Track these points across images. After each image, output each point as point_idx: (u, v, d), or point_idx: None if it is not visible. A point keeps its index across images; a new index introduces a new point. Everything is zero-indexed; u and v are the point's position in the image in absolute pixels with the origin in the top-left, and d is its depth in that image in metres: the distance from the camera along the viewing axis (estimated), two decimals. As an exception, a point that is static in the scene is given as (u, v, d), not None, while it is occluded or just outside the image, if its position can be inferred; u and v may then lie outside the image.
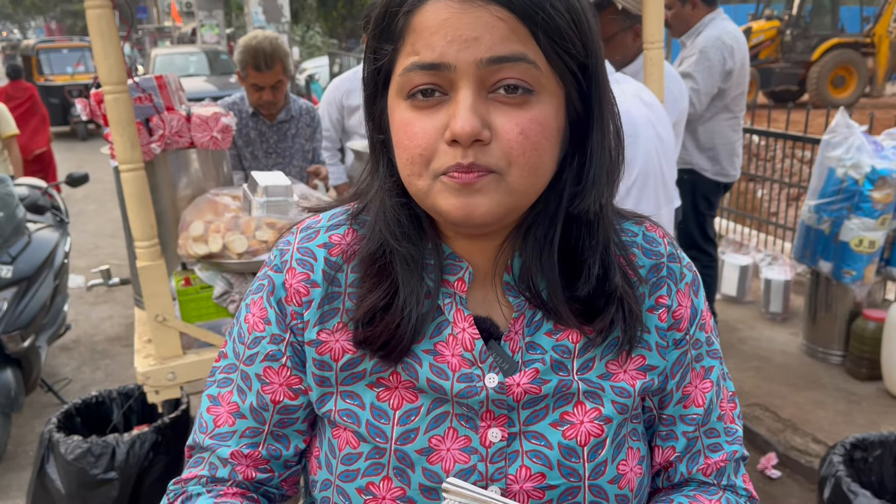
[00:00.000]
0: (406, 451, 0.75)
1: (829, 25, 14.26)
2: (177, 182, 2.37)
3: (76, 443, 2.49)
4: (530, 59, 0.67)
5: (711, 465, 0.84)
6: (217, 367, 0.85)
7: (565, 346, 0.78)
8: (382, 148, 0.77)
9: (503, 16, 0.66)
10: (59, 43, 16.28)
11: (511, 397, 0.76)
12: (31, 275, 3.26)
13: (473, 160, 0.67)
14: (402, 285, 0.75)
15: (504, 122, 0.68)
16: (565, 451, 0.76)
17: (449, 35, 0.66)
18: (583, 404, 0.77)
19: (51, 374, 4.11)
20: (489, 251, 0.79)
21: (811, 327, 3.83)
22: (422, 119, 0.69)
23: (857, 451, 2.29)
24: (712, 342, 0.86)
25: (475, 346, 0.76)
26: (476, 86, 0.67)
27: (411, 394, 0.77)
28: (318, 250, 0.80)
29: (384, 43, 0.72)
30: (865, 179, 3.40)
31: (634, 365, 0.79)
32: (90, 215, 7.91)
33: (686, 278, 0.84)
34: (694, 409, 0.83)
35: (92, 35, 1.93)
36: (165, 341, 2.12)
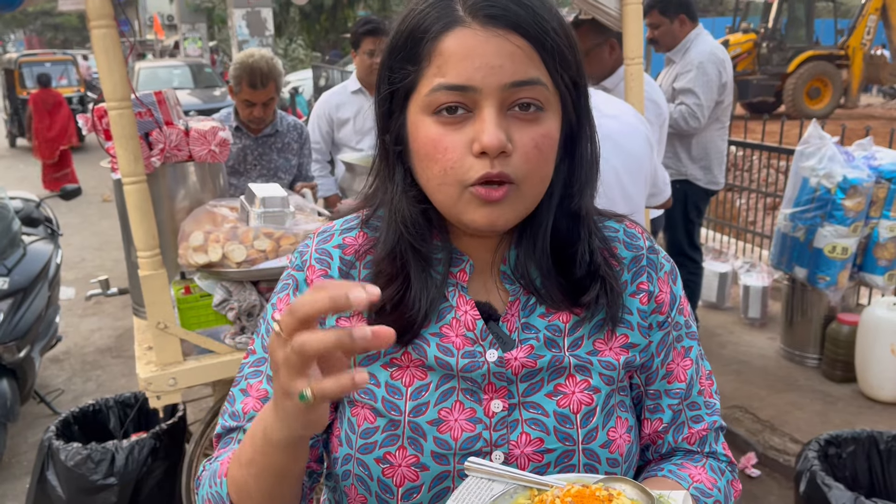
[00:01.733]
0: (418, 423, 0.84)
1: (804, 38, 14.55)
2: (175, 194, 2.44)
3: (76, 449, 2.54)
4: (542, 81, 0.79)
5: (694, 434, 0.94)
6: (245, 363, 0.92)
7: (557, 325, 0.88)
8: (398, 159, 0.85)
9: (521, 44, 0.77)
10: (42, 56, 16.23)
11: (510, 370, 0.85)
12: (27, 286, 3.31)
13: (501, 169, 0.77)
14: (414, 280, 0.85)
15: (521, 137, 0.78)
16: (560, 418, 0.85)
17: (476, 62, 0.76)
18: (574, 377, 0.87)
19: (43, 385, 4.14)
20: (489, 246, 0.89)
21: (788, 331, 3.95)
22: (450, 134, 0.78)
23: (832, 448, 2.39)
24: (690, 325, 0.96)
25: (476, 325, 0.86)
26: (498, 105, 0.77)
27: (421, 371, 0.86)
28: (333, 251, 0.90)
29: (406, 64, 0.80)
30: (837, 188, 3.54)
31: (618, 343, 0.89)
32: (75, 228, 7.91)
33: (665, 268, 0.94)
34: (677, 384, 0.93)
35: (96, 53, 2.00)
36: (166, 348, 2.18)
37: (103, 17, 1.97)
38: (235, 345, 2.25)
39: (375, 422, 0.85)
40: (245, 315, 2.25)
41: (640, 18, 2.58)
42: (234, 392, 0.92)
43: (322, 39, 20.93)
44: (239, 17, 12.65)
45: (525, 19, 0.77)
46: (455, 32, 0.77)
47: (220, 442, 0.91)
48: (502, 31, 0.76)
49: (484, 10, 0.76)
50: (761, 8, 14.94)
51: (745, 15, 15.43)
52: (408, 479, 0.83)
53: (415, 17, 0.80)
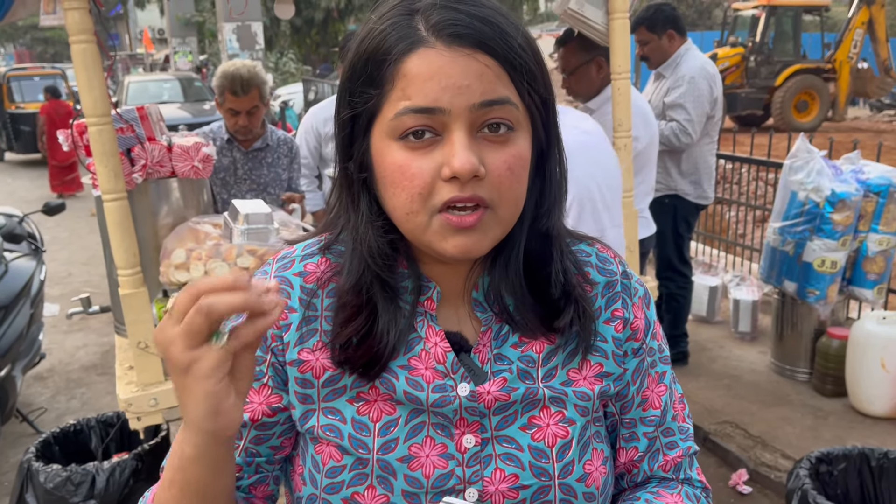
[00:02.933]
0: (388, 461, 0.80)
1: (791, 52, 14.69)
2: (158, 210, 2.40)
3: (55, 471, 2.49)
4: (512, 100, 0.75)
5: (669, 461, 0.92)
6: None
7: (530, 356, 0.84)
8: (363, 186, 0.81)
9: (489, 63, 0.73)
10: (31, 70, 16.18)
11: (482, 404, 0.82)
12: (8, 304, 3.25)
13: (472, 192, 0.74)
14: (381, 312, 0.81)
15: (493, 159, 0.75)
16: (535, 452, 0.82)
17: (443, 82, 0.72)
18: (548, 409, 0.84)
19: (25, 403, 4.07)
20: (460, 272, 0.85)
21: (778, 346, 3.94)
22: (417, 159, 0.74)
23: (823, 465, 2.37)
24: (663, 349, 0.94)
25: (447, 358, 0.82)
26: (468, 127, 0.74)
27: (390, 406, 0.82)
28: (293, 278, 0.85)
29: (368, 88, 0.76)
30: (826, 202, 3.53)
31: (593, 372, 0.86)
32: (62, 243, 7.85)
33: (639, 293, 0.92)
34: (652, 411, 0.91)
35: (76, 68, 1.97)
36: (147, 368, 2.14)
37: (83, 33, 1.95)
38: (218, 364, 2.21)
39: (342, 460, 0.81)
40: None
41: (627, 33, 2.58)
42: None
43: (313, 53, 20.98)
44: (229, 30, 12.63)
45: (491, 37, 0.74)
46: (419, 53, 0.73)
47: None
48: (468, 49, 0.73)
49: (448, 29, 0.73)
50: (749, 22, 15.07)
51: (734, 29, 15.56)
52: None
53: (375, 39, 0.76)
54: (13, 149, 14.48)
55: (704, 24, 29.27)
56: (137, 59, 27.13)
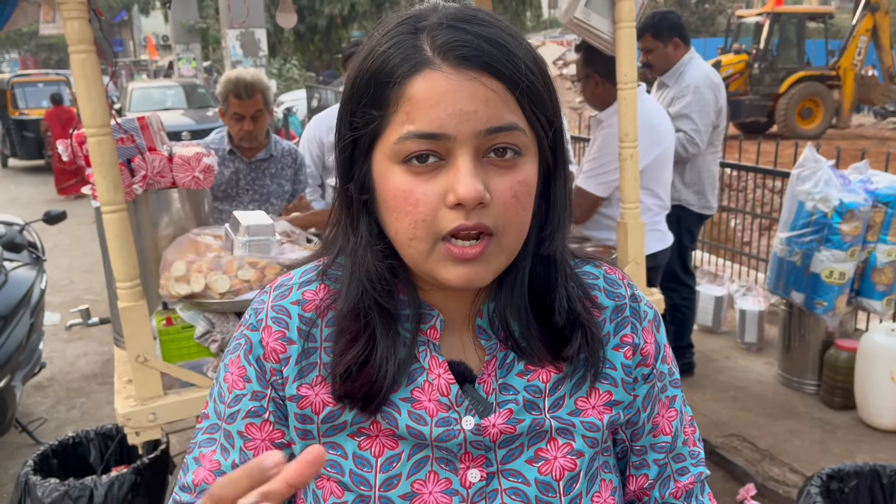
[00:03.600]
0: (390, 497, 0.77)
1: (795, 59, 14.68)
2: (158, 222, 2.38)
3: (53, 486, 2.45)
4: (519, 126, 0.72)
5: (681, 488, 0.89)
6: (200, 428, 0.85)
7: (536, 385, 0.81)
8: (364, 208, 0.78)
9: (495, 87, 0.70)
10: (35, 77, 16.20)
11: (488, 438, 0.79)
12: (7, 314, 3.23)
13: (477, 220, 0.71)
14: (380, 340, 0.77)
15: (499, 186, 0.72)
16: (542, 486, 0.79)
17: (449, 108, 0.69)
18: (555, 440, 0.81)
19: (25, 413, 4.04)
20: (463, 299, 0.82)
21: (785, 357, 3.89)
22: (421, 185, 0.71)
23: (834, 482, 2.32)
24: (673, 373, 0.91)
25: (451, 390, 0.79)
26: (473, 152, 0.71)
27: (392, 441, 0.79)
28: (291, 307, 0.82)
29: (371, 109, 0.73)
30: (834, 212, 3.49)
31: (601, 401, 0.83)
32: (64, 250, 7.83)
33: (648, 316, 0.88)
34: (662, 437, 0.88)
35: (76, 78, 1.95)
36: (146, 382, 2.11)
37: (82, 42, 1.92)
38: (218, 378, 2.17)
39: (343, 497, 0.78)
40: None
41: (633, 42, 2.55)
42: (187, 460, 0.84)
43: (316, 60, 21.01)
44: (233, 37, 12.66)
45: (499, 59, 0.71)
46: (424, 75, 0.70)
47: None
48: (475, 73, 0.70)
49: (455, 51, 0.70)
50: (753, 29, 15.05)
51: (737, 36, 15.56)
52: None
53: (378, 58, 0.73)
54: (17, 155, 14.50)
55: (708, 30, 29.30)
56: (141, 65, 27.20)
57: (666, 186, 3.09)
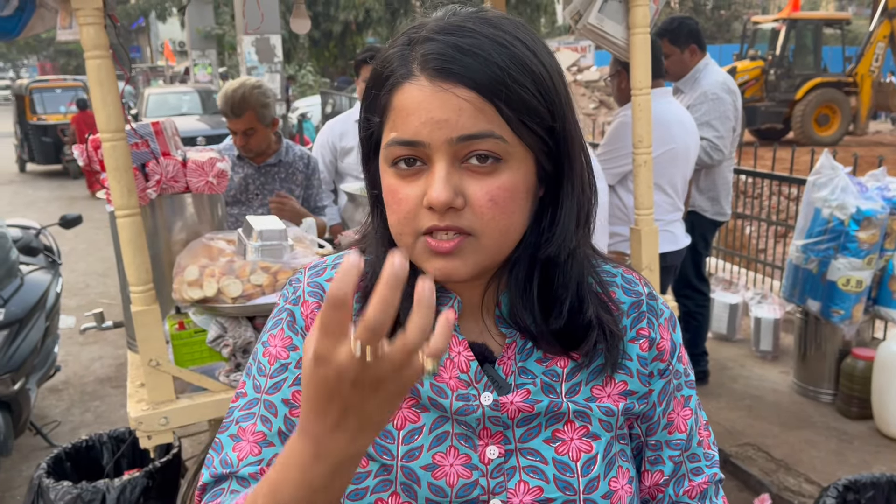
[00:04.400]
0: (412, 468, 0.80)
1: (811, 65, 14.59)
2: (172, 226, 2.38)
3: (66, 489, 2.46)
4: (496, 134, 0.74)
5: (695, 487, 0.90)
6: (234, 406, 0.86)
7: (554, 370, 0.84)
8: (376, 202, 0.85)
9: (469, 97, 0.73)
10: (53, 82, 16.37)
11: (506, 415, 0.81)
12: (23, 317, 3.25)
13: (450, 222, 0.75)
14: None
15: (476, 191, 0.75)
16: (560, 465, 0.81)
17: (423, 117, 0.74)
18: (572, 423, 0.83)
19: (40, 416, 4.07)
20: (477, 288, 0.85)
21: (801, 366, 3.85)
22: (406, 186, 0.77)
23: (850, 493, 2.29)
24: (689, 374, 0.93)
25: (470, 367, 0.82)
26: (449, 159, 0.74)
27: (414, 413, 0.82)
28: (325, 284, 0.88)
29: (372, 114, 0.80)
30: (851, 220, 3.46)
31: (617, 389, 0.85)
32: (80, 254, 7.90)
33: (665, 314, 0.91)
34: (678, 434, 0.90)
35: (91, 84, 1.96)
36: (159, 386, 2.11)
37: (98, 48, 1.94)
38: (230, 382, 2.18)
39: (367, 466, 0.81)
40: (240, 352, 2.18)
41: (648, 48, 2.53)
42: (221, 439, 0.85)
43: (331, 66, 21.11)
44: (248, 43, 12.73)
45: (477, 70, 0.73)
46: (405, 87, 0.75)
47: (207, 494, 0.83)
48: (448, 84, 0.73)
49: (432, 64, 0.74)
50: (769, 35, 14.98)
51: (753, 42, 15.48)
52: None
53: (381, 64, 0.79)
54: (34, 159, 14.65)
55: (723, 37, 29.20)
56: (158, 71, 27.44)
57: (677, 186, 3.08)
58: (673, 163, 3.03)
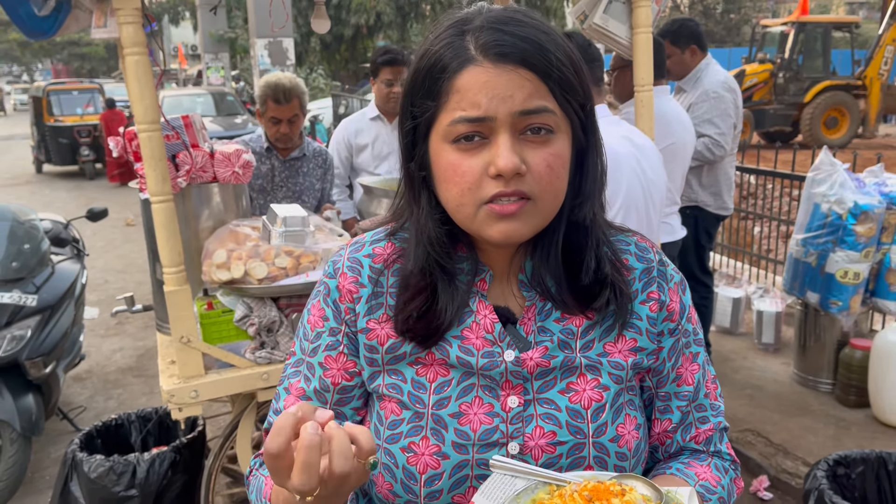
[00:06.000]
0: (441, 415, 0.92)
1: (820, 68, 14.62)
2: (200, 214, 2.53)
3: (99, 461, 2.61)
4: (550, 108, 0.86)
5: (701, 433, 1.01)
6: (288, 364, 1.02)
7: (570, 329, 0.94)
8: (423, 183, 0.93)
9: (528, 77, 0.85)
10: (70, 85, 16.59)
11: (525, 370, 0.92)
12: (54, 304, 3.40)
13: (515, 188, 0.85)
14: (441, 293, 0.92)
15: (534, 158, 0.86)
16: (572, 413, 0.92)
17: (489, 94, 0.84)
18: (584, 375, 0.94)
19: (65, 402, 4.22)
20: (506, 256, 0.97)
21: (801, 357, 3.97)
22: (468, 159, 0.86)
23: (840, 468, 2.41)
24: (698, 333, 1.03)
25: (495, 328, 0.93)
26: (511, 131, 0.85)
27: (444, 369, 0.93)
28: (363, 259, 0.98)
29: (427, 100, 0.88)
30: (849, 214, 3.58)
31: (627, 346, 0.96)
32: (99, 251, 8.06)
33: (675, 279, 1.01)
34: (685, 387, 1.00)
35: (129, 79, 2.11)
36: (189, 361, 2.26)
37: (136, 45, 2.08)
38: (255, 359, 2.32)
39: (402, 414, 0.93)
40: (265, 331, 2.33)
41: (650, 47, 2.66)
42: (279, 390, 1.01)
43: (342, 69, 21.27)
44: (261, 46, 12.92)
45: (532, 54, 0.85)
46: (469, 70, 0.85)
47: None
48: (511, 66, 0.84)
49: (494, 49, 0.84)
50: (778, 38, 15.02)
51: (762, 45, 15.53)
52: (430, 466, 0.90)
53: (432, 57, 0.88)
54: (51, 160, 14.86)
55: (733, 40, 29.21)
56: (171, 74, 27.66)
57: (676, 180, 3.21)
58: (673, 158, 3.16)
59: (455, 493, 0.90)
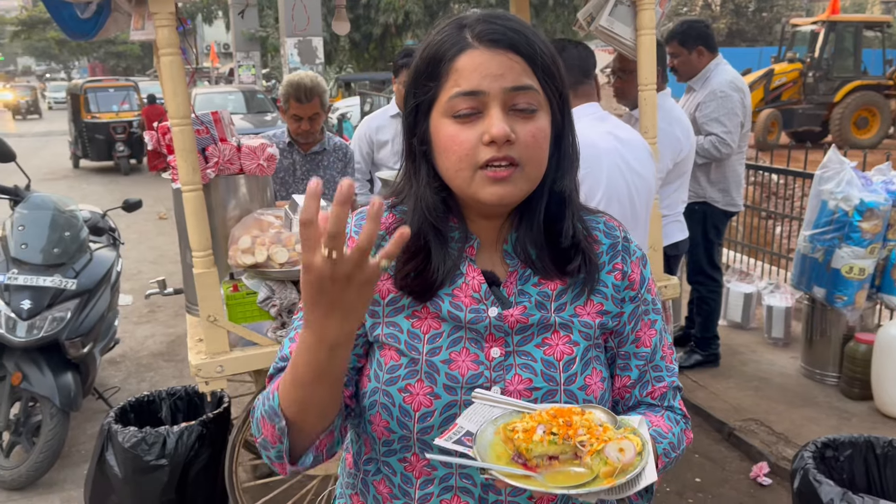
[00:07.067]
0: (434, 362, 1.05)
1: (851, 68, 14.50)
2: (227, 203, 2.71)
3: (132, 433, 2.80)
4: (535, 88, 1.01)
5: (657, 390, 1.15)
6: (295, 318, 1.15)
7: (546, 292, 1.09)
8: (423, 157, 1.07)
9: (517, 59, 1.00)
10: (106, 82, 17.02)
11: (507, 325, 1.06)
12: (92, 288, 3.62)
13: (506, 153, 0.99)
14: (434, 254, 1.07)
15: (521, 130, 1.00)
16: (546, 364, 1.06)
17: (483, 72, 0.99)
18: (558, 332, 1.08)
19: (101, 383, 4.46)
20: (493, 228, 1.11)
21: (808, 350, 4.06)
22: (464, 130, 1.00)
23: (829, 450, 2.51)
24: (656, 303, 1.18)
25: (481, 288, 1.07)
26: (502, 105, 0.99)
27: (436, 322, 1.07)
28: None
29: (429, 82, 1.02)
30: (855, 211, 3.66)
31: (595, 309, 1.11)
32: (132, 243, 8.34)
33: (637, 254, 1.16)
34: (643, 348, 1.14)
35: (164, 77, 2.30)
36: (215, 339, 2.44)
37: (171, 46, 2.27)
38: (276, 338, 2.50)
39: (399, 360, 1.07)
40: (286, 311, 2.50)
41: (653, 48, 2.80)
42: (284, 341, 1.15)
43: (371, 68, 21.50)
44: (291, 45, 13.17)
45: (519, 42, 1.00)
46: (467, 53, 1.00)
47: (272, 381, 1.11)
48: (502, 50, 0.99)
49: (488, 36, 1.00)
50: (808, 37, 14.92)
51: (792, 44, 15.42)
52: (423, 405, 1.04)
53: (434, 46, 1.03)
54: (88, 156, 15.27)
55: (765, 39, 28.88)
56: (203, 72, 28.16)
57: (688, 181, 3.32)
58: (692, 159, 3.29)
59: (444, 428, 1.03)
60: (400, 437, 1.06)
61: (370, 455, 1.12)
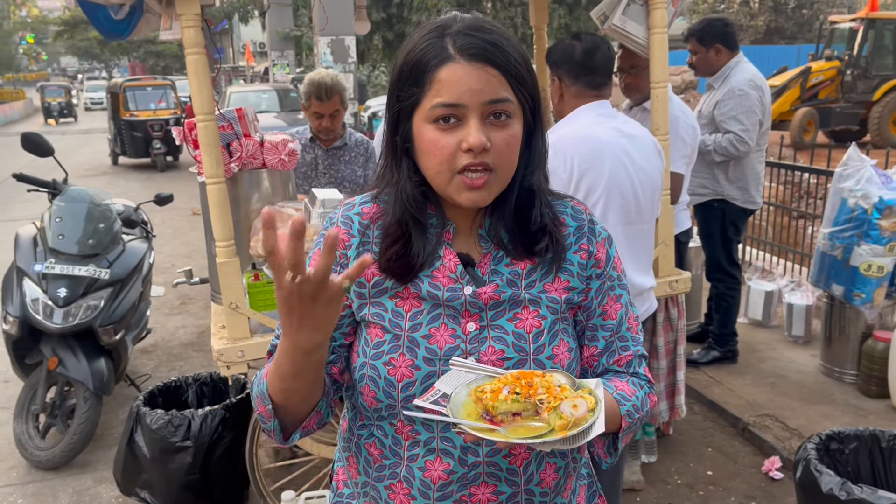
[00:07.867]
0: (415, 337, 1.15)
1: (890, 66, 14.22)
2: (250, 197, 2.82)
3: (159, 415, 2.95)
4: (510, 99, 1.11)
5: (622, 358, 1.25)
6: None
7: (517, 271, 1.19)
8: (405, 153, 1.16)
9: (494, 73, 1.09)
10: (144, 81, 17.40)
11: (481, 301, 1.16)
12: (124, 278, 3.78)
13: (482, 160, 1.08)
14: (414, 240, 1.17)
15: (497, 137, 1.09)
16: (517, 336, 1.16)
17: (464, 87, 1.08)
18: (528, 308, 1.18)
19: (133, 371, 4.63)
20: (468, 215, 1.21)
21: (827, 348, 4.06)
22: (445, 137, 1.09)
23: (833, 443, 2.54)
24: (622, 279, 1.28)
25: (457, 269, 1.17)
26: (479, 116, 1.08)
27: (417, 301, 1.17)
28: (354, 216, 1.22)
29: (412, 87, 1.11)
30: (874, 209, 3.66)
31: (562, 286, 1.21)
32: (166, 238, 8.57)
33: (602, 235, 1.26)
34: (610, 321, 1.24)
35: (190, 75, 2.41)
36: (237, 325, 2.56)
37: (196, 46, 2.39)
38: (294, 325, 2.60)
39: (384, 337, 1.17)
40: (303, 300, 2.60)
41: (665, 46, 2.85)
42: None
43: (403, 66, 21.62)
44: (324, 44, 13.34)
45: (496, 56, 1.10)
46: (448, 66, 1.08)
47: (270, 357, 1.23)
48: (480, 64, 1.08)
49: (468, 50, 1.08)
50: (847, 35, 14.67)
51: (830, 42, 15.16)
52: (406, 376, 1.14)
53: (417, 53, 1.11)
54: (126, 153, 15.65)
55: (804, 36, 28.40)
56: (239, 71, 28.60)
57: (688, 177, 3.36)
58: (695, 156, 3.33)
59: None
60: (387, 406, 1.16)
61: (363, 422, 1.22)
